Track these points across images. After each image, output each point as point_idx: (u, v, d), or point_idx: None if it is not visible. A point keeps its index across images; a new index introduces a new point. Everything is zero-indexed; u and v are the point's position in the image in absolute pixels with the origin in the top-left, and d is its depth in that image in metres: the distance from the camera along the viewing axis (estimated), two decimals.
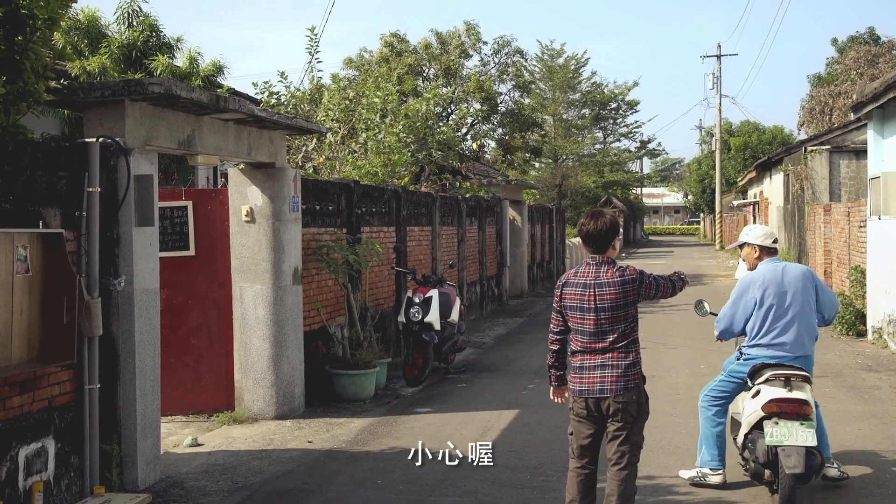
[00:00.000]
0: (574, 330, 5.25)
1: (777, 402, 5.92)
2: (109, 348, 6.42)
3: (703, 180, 62.42)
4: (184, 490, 6.66)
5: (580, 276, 5.24)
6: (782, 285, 6.30)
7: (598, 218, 5.24)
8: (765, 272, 6.39)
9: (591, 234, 5.20)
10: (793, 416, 5.88)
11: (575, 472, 5.30)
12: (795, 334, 6.24)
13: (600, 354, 5.15)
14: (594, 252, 5.24)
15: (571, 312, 5.22)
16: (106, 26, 12.45)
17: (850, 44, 38.68)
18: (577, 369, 5.22)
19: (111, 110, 6.52)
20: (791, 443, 5.80)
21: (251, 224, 8.93)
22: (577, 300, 5.18)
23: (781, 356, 6.22)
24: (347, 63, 28.27)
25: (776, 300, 6.27)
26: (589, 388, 5.14)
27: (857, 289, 14.78)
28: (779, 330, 6.26)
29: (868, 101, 12.75)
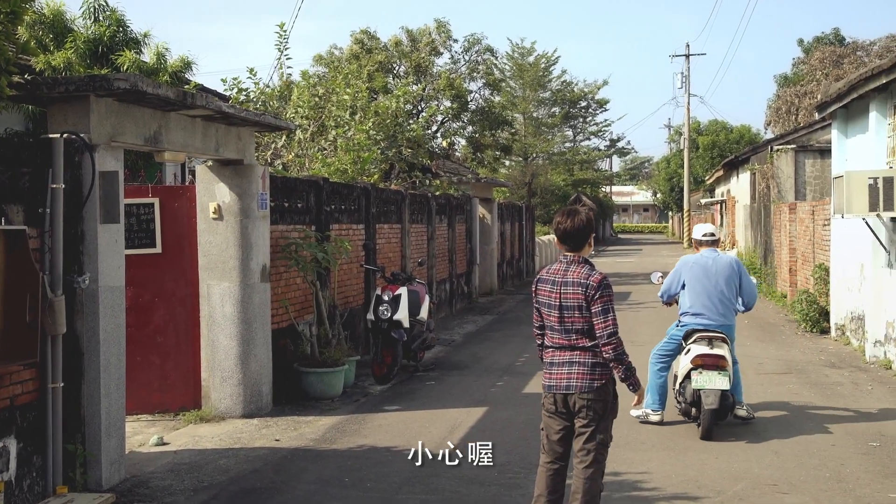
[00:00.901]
0: (545, 326, 5.34)
1: (701, 357, 7.84)
2: (73, 347, 6.35)
3: (672, 179, 62.91)
4: (149, 489, 6.61)
5: (552, 273, 5.31)
6: (710, 270, 8.12)
7: (574, 216, 5.28)
8: (698, 258, 8.30)
9: (568, 232, 5.26)
10: (713, 367, 7.76)
11: (544, 467, 5.33)
12: (718, 308, 8.06)
13: (568, 351, 5.23)
14: (569, 250, 5.29)
15: (543, 309, 5.31)
16: (71, 21, 12.28)
17: (816, 44, 39.15)
18: (548, 365, 5.32)
19: (76, 106, 6.45)
20: (710, 387, 7.71)
21: (219, 221, 8.87)
22: (547, 296, 5.26)
23: (707, 324, 8.04)
24: (317, 60, 28.14)
25: (704, 281, 8.11)
26: (556, 383, 5.22)
27: (820, 286, 14.99)
28: (704, 305, 8.09)
29: (832, 101, 12.92)
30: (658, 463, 7.12)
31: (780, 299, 19.00)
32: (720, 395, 7.71)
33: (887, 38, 32.72)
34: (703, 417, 7.74)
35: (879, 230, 11.22)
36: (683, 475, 6.78)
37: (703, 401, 7.72)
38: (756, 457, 7.25)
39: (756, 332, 14.80)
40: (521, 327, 16.09)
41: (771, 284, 20.87)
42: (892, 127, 11.06)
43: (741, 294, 8.21)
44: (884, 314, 11.26)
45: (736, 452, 7.39)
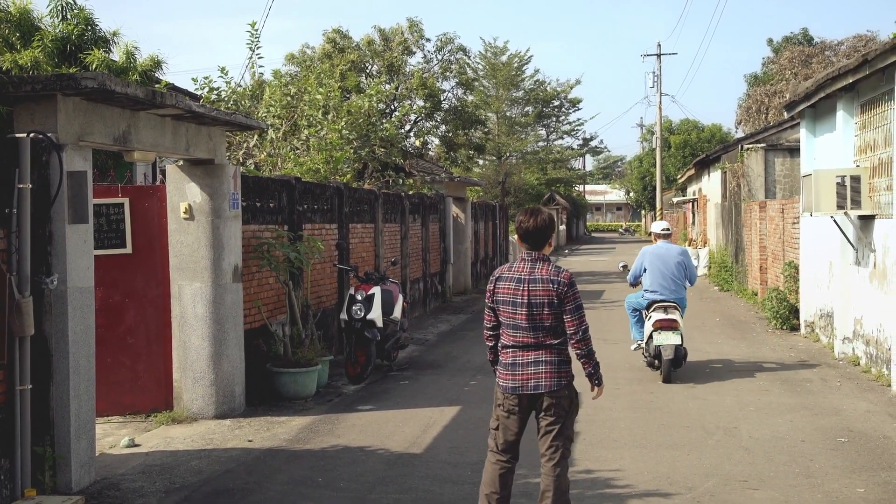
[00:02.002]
0: (505, 325, 5.31)
1: (659, 321, 10.41)
2: (42, 348, 6.28)
3: (645, 177, 63.33)
4: (119, 491, 6.55)
5: (514, 271, 5.31)
6: (665, 258, 10.79)
7: (536, 215, 5.34)
8: (655, 249, 10.95)
9: (530, 231, 5.30)
10: (668, 328, 10.35)
11: (498, 465, 5.34)
12: (670, 286, 10.72)
13: (533, 350, 5.24)
14: (531, 248, 5.34)
15: (503, 307, 5.29)
16: (39, 19, 12.11)
17: (785, 44, 39.55)
18: (510, 366, 5.28)
19: (43, 105, 6.38)
20: (667, 343, 10.27)
21: (190, 221, 8.81)
22: (511, 294, 5.25)
23: (663, 297, 10.67)
24: (289, 59, 28.00)
25: (660, 266, 10.75)
26: (523, 384, 5.23)
27: (790, 283, 15.14)
28: (660, 283, 10.72)
29: (800, 100, 13.06)
30: (630, 460, 7.16)
31: (750, 297, 19.18)
32: (675, 348, 10.28)
33: (854, 38, 33.13)
34: (664, 366, 10.32)
35: (847, 228, 11.36)
36: (655, 472, 6.83)
37: (663, 353, 10.30)
38: (726, 453, 7.31)
39: (727, 330, 14.93)
40: None
41: (742, 282, 21.06)
42: (858, 126, 11.20)
43: (687, 274, 10.88)
44: (852, 311, 11.40)
45: (707, 449, 7.46)
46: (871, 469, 6.82)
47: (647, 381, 10.52)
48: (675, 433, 8.01)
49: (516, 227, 5.42)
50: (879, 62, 9.62)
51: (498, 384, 5.35)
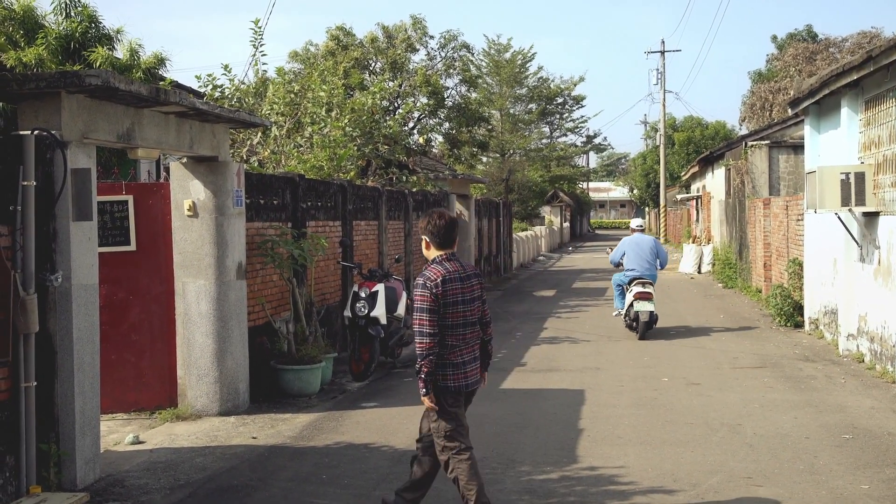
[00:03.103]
0: (453, 325, 5.38)
1: (639, 293, 13.52)
2: (46, 345, 6.29)
3: (648, 175, 63.19)
4: (124, 488, 6.56)
5: (452, 271, 5.42)
6: (640, 245, 14.14)
7: (444, 216, 5.56)
8: (633, 238, 14.36)
9: (444, 230, 5.49)
10: (644, 298, 13.49)
11: (472, 459, 5.44)
12: (645, 266, 13.96)
13: (471, 346, 5.50)
14: (444, 248, 5.51)
15: (453, 308, 5.36)
16: (42, 17, 12.14)
17: (789, 41, 39.46)
18: (459, 364, 5.42)
19: (47, 102, 6.39)
20: (644, 309, 13.42)
21: (194, 218, 8.82)
22: (460, 293, 5.40)
23: (640, 274, 13.86)
24: (293, 56, 28.01)
25: (637, 251, 14.07)
26: (473, 380, 5.52)
27: (794, 281, 15.12)
28: (638, 263, 13.98)
29: (804, 97, 13.03)
30: (634, 457, 7.16)
31: (754, 294, 19.16)
32: (649, 314, 13.54)
33: (859, 34, 33.06)
34: (640, 327, 13.57)
35: (851, 225, 11.33)
36: (659, 469, 6.82)
37: (640, 317, 13.51)
38: (731, 450, 7.31)
39: (731, 327, 14.92)
40: (498, 323, 16.12)
41: (746, 279, 21.03)
42: (863, 122, 11.18)
43: (658, 257, 14.19)
44: (856, 308, 11.38)
45: (711, 446, 7.46)
46: (875, 466, 6.81)
47: (650, 378, 10.52)
48: (680, 430, 8.01)
49: (429, 229, 5.51)
50: (884, 59, 9.60)
51: (447, 387, 5.36)
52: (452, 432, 5.40)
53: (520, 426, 8.26)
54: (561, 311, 17.73)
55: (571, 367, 11.35)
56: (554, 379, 10.63)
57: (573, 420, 8.46)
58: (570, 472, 6.80)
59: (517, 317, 17.02)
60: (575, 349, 12.89)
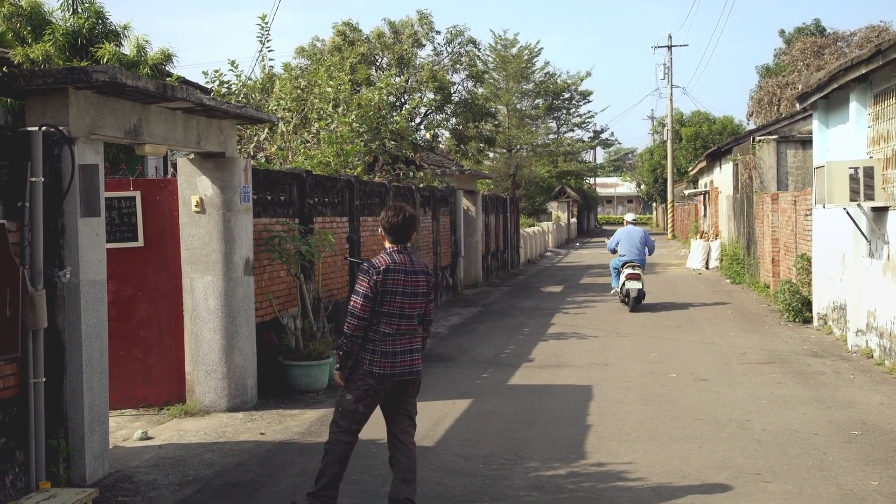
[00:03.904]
0: (389, 314, 5.59)
1: (628, 274, 16.39)
2: (55, 341, 6.30)
3: (656, 170, 63.09)
4: (133, 484, 6.57)
5: (399, 263, 5.65)
6: (632, 235, 17.00)
7: (402, 212, 5.76)
8: (626, 229, 17.26)
9: (398, 226, 5.70)
10: (634, 278, 16.32)
11: (350, 444, 5.68)
12: (636, 252, 16.77)
13: (408, 337, 5.68)
14: (398, 242, 5.72)
15: (391, 297, 5.57)
16: (50, 13, 12.15)
17: (797, 35, 39.31)
18: (389, 354, 5.60)
19: (54, 98, 6.39)
20: (633, 287, 16.31)
21: (201, 214, 8.82)
22: (402, 285, 5.60)
23: (631, 259, 16.65)
24: (299, 52, 28.03)
25: (629, 240, 16.92)
26: (401, 371, 5.63)
27: (802, 276, 15.07)
28: (630, 250, 16.79)
29: (813, 91, 12.98)
30: (642, 453, 7.15)
31: (763, 289, 19.10)
32: (638, 290, 16.44)
33: (867, 28, 32.91)
34: (631, 301, 16.46)
35: (860, 220, 11.29)
36: (668, 465, 6.81)
37: (631, 294, 16.49)
38: (739, 446, 7.29)
39: (739, 322, 14.88)
40: (505, 319, 16.12)
41: (754, 275, 20.97)
42: (872, 117, 11.12)
43: (646, 245, 17.13)
44: (865, 303, 11.34)
45: (719, 442, 7.44)
46: (885, 462, 6.79)
47: (658, 373, 10.50)
48: (688, 426, 7.99)
49: (383, 223, 5.79)
50: (893, 52, 9.54)
51: (372, 372, 5.58)
52: (353, 414, 5.64)
53: (528, 422, 8.25)
54: (568, 307, 17.71)
55: (579, 363, 11.34)
56: (561, 375, 10.62)
57: (581, 416, 8.45)
58: (578, 467, 6.79)
59: (525, 312, 17.01)
60: (582, 345, 12.88)
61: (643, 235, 17.23)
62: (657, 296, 19.54)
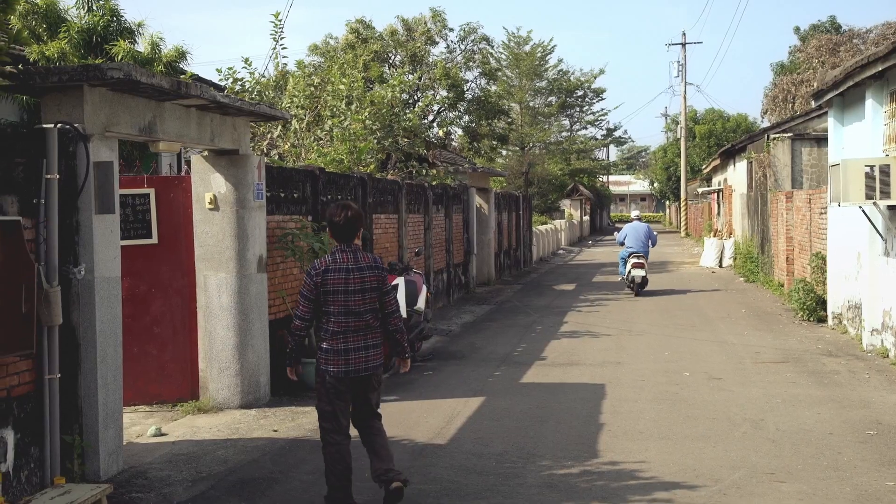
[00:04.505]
0: (336, 313, 5.72)
1: (634, 263, 19.17)
2: (70, 337, 6.33)
3: (669, 168, 62.86)
4: (147, 480, 6.60)
5: (339, 262, 5.75)
6: (637, 230, 19.69)
7: (346, 210, 5.84)
8: (632, 225, 20.02)
9: (342, 225, 5.80)
10: (639, 267, 19.11)
11: (340, 443, 5.77)
12: (641, 245, 19.40)
13: (363, 333, 5.77)
14: (343, 240, 5.83)
15: (334, 297, 5.71)
16: (65, 11, 12.23)
17: (812, 32, 39.06)
18: (342, 352, 5.73)
19: (69, 96, 6.41)
20: (638, 274, 19.11)
21: (215, 212, 8.85)
22: (344, 283, 5.72)
23: (636, 250, 19.34)
24: (312, 49, 28.04)
25: (635, 234, 19.57)
26: (356, 367, 5.76)
27: (817, 275, 14.98)
28: (636, 243, 19.40)
29: (828, 89, 12.89)
30: (656, 452, 7.12)
31: (777, 288, 19.01)
32: (642, 277, 19.03)
33: (883, 25, 32.64)
34: (635, 286, 19.03)
35: (876, 218, 11.21)
36: (681, 464, 6.78)
37: (635, 280, 19.03)
38: (753, 445, 7.26)
39: (753, 321, 14.82)
40: (518, 317, 16.10)
41: (768, 273, 20.87)
42: (888, 114, 11.04)
43: (650, 239, 19.61)
44: (880, 302, 11.26)
45: (733, 441, 7.40)
46: None
47: (671, 372, 10.46)
48: (701, 425, 7.96)
49: (328, 221, 5.90)
50: None
51: (328, 370, 5.74)
52: (327, 414, 5.79)
53: (540, 420, 8.24)
54: (581, 305, 17.67)
55: (592, 362, 11.31)
56: (574, 373, 10.60)
57: (594, 414, 8.43)
58: (590, 466, 6.77)
59: (537, 310, 16.99)
60: (595, 343, 12.85)
61: (647, 230, 19.78)
62: (670, 294, 19.50)
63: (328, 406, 5.80)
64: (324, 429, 5.83)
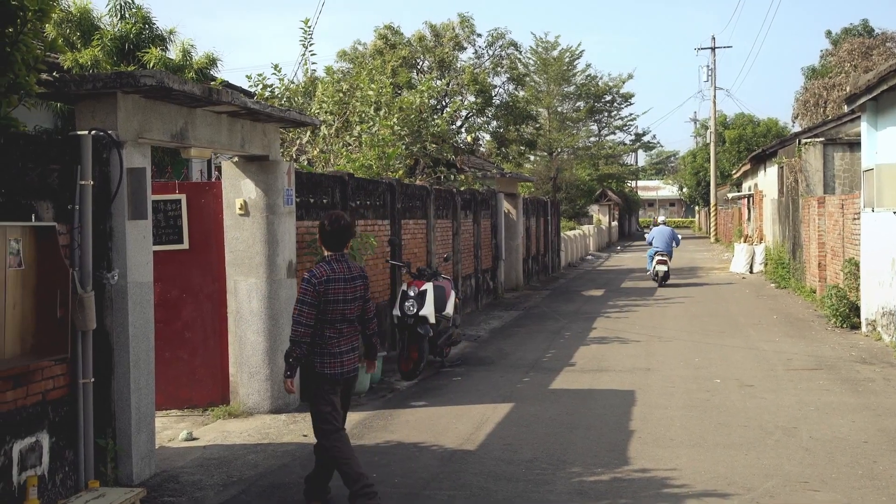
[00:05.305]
0: (332, 320, 5.93)
1: (658, 260, 23.27)
2: (103, 342, 6.39)
3: (698, 173, 62.45)
4: (179, 484, 6.64)
5: (338, 272, 5.96)
6: (663, 232, 23.56)
7: (339, 220, 6.04)
8: (658, 228, 23.92)
9: (331, 234, 6.00)
10: (662, 263, 23.19)
11: (345, 438, 5.99)
12: (665, 245, 23.39)
13: (349, 338, 6.06)
14: (334, 249, 6.02)
15: (334, 305, 5.90)
16: (98, 18, 12.38)
17: (844, 36, 38.68)
18: (337, 354, 5.97)
19: (103, 103, 6.48)
20: (661, 269, 23.12)
21: (245, 217, 8.90)
22: (343, 293, 5.94)
23: (661, 249, 23.32)
24: (341, 56, 28.22)
25: (660, 236, 23.44)
26: (348, 369, 6.01)
27: (850, 281, 14.80)
28: (660, 244, 23.39)
29: (861, 93, 12.75)
30: (687, 459, 7.06)
31: (808, 294, 18.80)
32: (664, 271, 22.84)
33: None
34: (659, 279, 22.83)
35: None
36: (713, 472, 6.72)
37: (659, 273, 22.84)
38: (786, 453, 7.17)
39: (785, 328, 14.66)
40: (546, 323, 16.05)
41: (799, 279, 20.65)
42: None
43: (674, 240, 23.47)
44: None
45: (766, 449, 7.32)
46: None
47: (702, 379, 10.37)
48: (733, 432, 7.87)
49: (320, 230, 6.09)
50: None
51: (325, 373, 5.93)
52: (328, 415, 5.94)
53: (570, 427, 8.20)
54: (610, 311, 17.58)
55: (621, 368, 11.24)
56: (604, 379, 10.54)
57: (624, 421, 8.37)
58: (621, 473, 6.73)
59: (566, 316, 16.92)
60: (624, 349, 12.77)
61: (671, 233, 23.76)
62: (700, 299, 19.35)
63: (327, 406, 5.96)
64: (325, 430, 5.94)
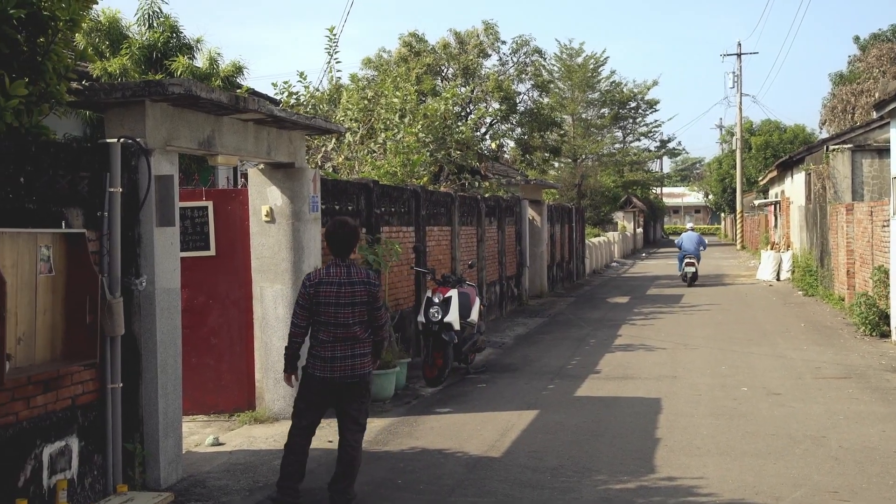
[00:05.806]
0: (325, 323, 6.04)
1: (687, 262, 25.84)
2: (131, 348, 6.45)
3: (724, 180, 62.04)
4: (206, 489, 6.68)
5: (333, 276, 6.07)
6: (691, 237, 26.30)
7: (345, 226, 6.17)
8: (687, 234, 26.66)
9: (335, 239, 6.14)
10: (691, 264, 25.74)
11: (299, 438, 6.19)
12: (694, 249, 25.94)
13: (349, 344, 6.06)
14: (338, 254, 6.14)
15: (325, 308, 6.02)
16: (127, 27, 12.52)
17: (873, 41, 38.29)
18: (328, 359, 6.04)
19: (132, 111, 6.55)
20: (690, 270, 25.68)
21: (271, 224, 8.95)
22: (335, 296, 6.02)
23: (690, 252, 25.91)
24: (366, 63, 28.32)
25: (689, 240, 26.23)
26: (341, 374, 6.05)
27: (880, 289, 14.63)
28: (689, 247, 26.02)
29: (890, 98, 12.61)
30: (714, 468, 7.00)
31: (837, 302, 18.60)
32: (693, 272, 25.52)
33: None
34: (689, 279, 25.44)
35: None
36: (740, 481, 6.66)
37: (688, 274, 25.53)
38: (815, 463, 7.10)
39: (813, 336, 14.51)
40: (571, 330, 15.99)
41: (828, 287, 20.44)
42: None
43: (701, 244, 26.16)
44: None
45: (794, 458, 7.25)
46: None
47: (728, 387, 10.29)
48: (761, 441, 7.80)
49: (325, 236, 6.23)
50: None
51: (313, 375, 6.07)
52: (300, 411, 6.18)
53: (595, 434, 8.16)
54: (635, 318, 17.49)
55: (647, 375, 11.18)
56: (629, 387, 10.48)
57: (650, 429, 8.32)
58: (647, 482, 6.68)
59: (590, 323, 16.85)
60: (650, 357, 12.70)
61: (699, 238, 26.22)
62: (726, 307, 19.20)
63: (301, 403, 6.16)
64: (292, 423, 6.21)
